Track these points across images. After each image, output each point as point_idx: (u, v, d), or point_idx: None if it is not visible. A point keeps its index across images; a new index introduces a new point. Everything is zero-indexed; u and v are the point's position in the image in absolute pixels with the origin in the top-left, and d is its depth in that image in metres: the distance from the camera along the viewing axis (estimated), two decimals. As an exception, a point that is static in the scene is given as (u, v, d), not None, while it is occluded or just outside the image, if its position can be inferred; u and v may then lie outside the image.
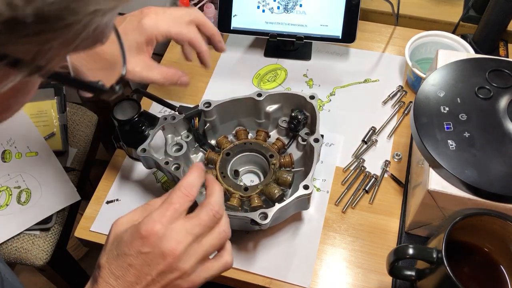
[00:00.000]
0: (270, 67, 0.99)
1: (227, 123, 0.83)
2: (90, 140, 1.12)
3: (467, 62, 0.71)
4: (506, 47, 0.96)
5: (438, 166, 0.62)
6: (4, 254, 0.93)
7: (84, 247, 1.50)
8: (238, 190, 0.74)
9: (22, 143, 0.95)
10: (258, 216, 0.65)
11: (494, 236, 0.62)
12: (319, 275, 0.73)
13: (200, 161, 0.81)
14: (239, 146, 0.79)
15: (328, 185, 0.81)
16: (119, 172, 0.85)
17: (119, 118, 0.75)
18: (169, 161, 0.73)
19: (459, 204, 0.62)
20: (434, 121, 0.66)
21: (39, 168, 0.93)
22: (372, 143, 0.86)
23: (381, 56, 0.99)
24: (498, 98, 0.66)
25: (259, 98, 0.78)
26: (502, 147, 0.62)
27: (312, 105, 0.77)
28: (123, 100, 0.77)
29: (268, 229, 0.75)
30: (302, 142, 0.79)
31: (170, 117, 0.76)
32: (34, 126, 0.97)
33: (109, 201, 0.82)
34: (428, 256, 0.58)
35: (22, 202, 0.92)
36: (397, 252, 0.60)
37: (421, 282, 0.63)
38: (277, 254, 0.74)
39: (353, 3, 0.91)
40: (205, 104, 0.78)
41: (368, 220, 0.78)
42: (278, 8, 0.94)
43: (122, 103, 0.76)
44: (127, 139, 0.76)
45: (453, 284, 0.54)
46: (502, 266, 0.64)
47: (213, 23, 0.98)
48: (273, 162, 0.76)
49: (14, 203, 0.92)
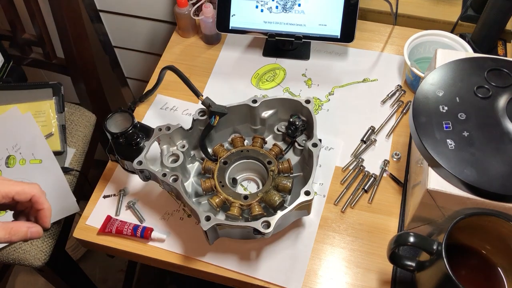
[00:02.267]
0: (269, 67, 0.99)
1: (223, 130, 0.82)
2: (89, 140, 1.12)
3: (466, 62, 0.71)
4: (504, 46, 0.96)
5: (437, 166, 0.62)
6: (3, 255, 0.92)
7: (83, 248, 1.50)
8: (238, 198, 0.73)
9: (27, 149, 0.95)
10: (261, 225, 0.65)
11: (494, 236, 0.63)
12: (318, 275, 0.73)
13: (197, 171, 0.81)
14: (236, 154, 0.79)
15: (325, 189, 0.81)
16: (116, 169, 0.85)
17: (112, 131, 0.75)
18: (167, 172, 0.72)
19: (458, 203, 0.62)
20: (433, 120, 0.66)
21: (41, 176, 0.93)
22: (371, 143, 0.86)
23: (380, 56, 0.99)
24: (497, 97, 0.66)
25: (254, 105, 0.77)
26: (501, 146, 0.62)
27: (308, 109, 0.77)
28: (115, 113, 0.76)
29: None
30: (299, 147, 0.79)
31: (165, 128, 0.76)
32: (41, 133, 0.97)
33: (106, 196, 0.82)
34: (428, 246, 0.58)
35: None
36: (399, 238, 0.61)
37: (419, 273, 0.64)
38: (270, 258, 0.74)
39: (351, 3, 0.91)
40: (200, 113, 0.78)
41: (367, 219, 0.78)
42: (276, 7, 0.94)
43: (114, 115, 0.76)
44: (122, 152, 0.75)
45: (449, 278, 0.54)
46: (500, 267, 0.64)
47: (211, 23, 0.99)
48: (271, 168, 0.76)
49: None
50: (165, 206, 0.80)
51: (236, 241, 0.75)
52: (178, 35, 1.06)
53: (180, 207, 0.80)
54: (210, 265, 0.74)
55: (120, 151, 0.75)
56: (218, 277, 0.74)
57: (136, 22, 1.23)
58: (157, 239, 0.76)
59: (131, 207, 0.80)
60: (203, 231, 0.67)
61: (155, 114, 0.93)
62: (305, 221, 0.77)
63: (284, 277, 0.72)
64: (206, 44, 1.04)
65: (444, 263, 0.55)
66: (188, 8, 1.00)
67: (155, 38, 1.26)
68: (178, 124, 0.77)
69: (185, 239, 0.77)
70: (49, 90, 1.05)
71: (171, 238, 0.77)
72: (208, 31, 1.01)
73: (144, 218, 0.79)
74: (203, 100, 0.77)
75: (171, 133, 0.76)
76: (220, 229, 0.71)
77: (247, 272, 0.73)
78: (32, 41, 1.13)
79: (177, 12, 1.00)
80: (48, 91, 1.05)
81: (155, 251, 0.76)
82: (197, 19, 1.03)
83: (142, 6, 1.18)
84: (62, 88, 1.05)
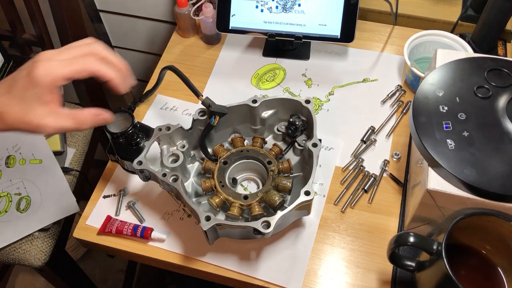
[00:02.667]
0: (269, 67, 0.99)
1: (222, 130, 0.82)
2: (89, 141, 1.12)
3: (466, 62, 0.71)
4: (504, 46, 0.96)
5: (437, 166, 0.62)
6: (2, 255, 0.92)
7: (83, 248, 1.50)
8: (238, 199, 0.73)
9: (27, 149, 0.95)
10: (260, 225, 0.65)
11: (494, 236, 0.63)
12: (318, 274, 0.73)
13: (197, 171, 0.81)
14: (236, 154, 0.79)
15: (325, 189, 0.81)
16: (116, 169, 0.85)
17: (112, 131, 0.75)
18: (167, 172, 0.72)
19: (458, 203, 0.62)
20: (433, 120, 0.65)
21: (41, 176, 0.93)
22: (371, 143, 0.86)
23: (380, 56, 0.99)
24: (497, 97, 0.66)
25: (254, 105, 0.77)
26: (501, 146, 0.62)
27: (308, 109, 0.77)
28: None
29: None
30: (299, 147, 0.79)
31: (165, 128, 0.76)
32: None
33: (106, 196, 0.82)
34: (428, 246, 0.58)
35: (21, 209, 0.91)
36: (399, 238, 0.61)
37: (419, 273, 0.64)
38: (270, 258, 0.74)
39: (351, 3, 0.91)
40: (200, 113, 0.78)
41: (367, 219, 0.78)
42: (276, 7, 0.94)
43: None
44: (122, 152, 0.75)
45: (449, 278, 0.54)
46: (500, 267, 0.64)
47: (211, 23, 0.99)
48: (271, 168, 0.76)
49: (13, 210, 0.91)
50: (165, 206, 0.80)
51: (236, 241, 0.75)
52: (178, 35, 1.06)
53: (180, 207, 0.80)
54: (210, 265, 0.74)
55: (120, 151, 0.75)
56: (218, 277, 0.74)
57: (136, 22, 1.23)
58: (157, 239, 0.76)
59: (131, 207, 0.80)
60: (203, 231, 0.67)
61: (155, 114, 0.93)
62: (305, 221, 0.77)
63: (284, 277, 0.72)
64: (206, 44, 1.04)
65: (444, 263, 0.55)
66: (188, 8, 1.00)
67: (155, 38, 1.26)
68: (178, 124, 0.77)
69: (185, 239, 0.76)
70: (49, 90, 1.05)
71: (171, 238, 0.77)
72: (208, 31, 1.01)
73: (144, 218, 0.79)
74: (203, 100, 0.77)
75: (171, 133, 0.76)
76: (220, 229, 0.71)
77: (247, 272, 0.73)
78: (32, 41, 1.14)
79: (177, 12, 1.00)
80: (48, 91, 1.05)
81: (155, 251, 0.76)
82: (197, 19, 1.03)
83: (142, 6, 1.18)
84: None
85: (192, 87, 0.79)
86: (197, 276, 0.77)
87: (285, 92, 0.95)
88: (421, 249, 0.61)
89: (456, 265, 0.58)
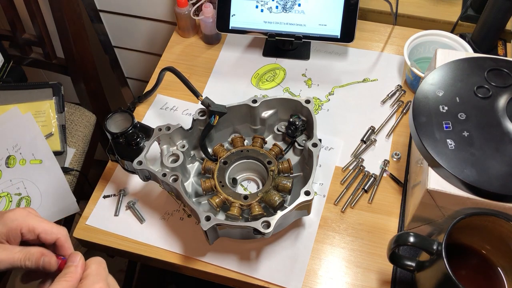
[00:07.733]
0: (269, 67, 0.99)
1: (222, 130, 0.82)
2: (89, 140, 1.12)
3: (466, 61, 0.71)
4: (504, 46, 0.96)
5: (437, 166, 0.62)
6: (3, 255, 0.92)
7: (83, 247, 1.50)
8: (238, 199, 0.73)
9: (27, 149, 0.95)
10: (260, 225, 0.65)
11: (494, 236, 0.63)
12: (318, 274, 0.73)
13: (197, 171, 0.81)
14: (236, 154, 0.79)
15: (325, 189, 0.81)
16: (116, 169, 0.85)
17: (112, 131, 0.75)
18: (167, 172, 0.72)
19: (458, 203, 0.62)
20: (433, 120, 0.66)
21: (41, 176, 0.93)
22: (371, 143, 0.86)
23: (380, 56, 0.99)
24: (497, 97, 0.66)
25: (254, 105, 0.77)
26: (501, 146, 0.62)
27: (308, 109, 0.77)
28: (115, 113, 0.76)
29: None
30: (299, 147, 0.79)
31: (165, 128, 0.76)
32: (41, 133, 0.97)
33: (106, 196, 0.82)
34: (428, 246, 0.58)
35: (21, 210, 0.91)
36: (399, 238, 0.61)
37: (419, 273, 0.64)
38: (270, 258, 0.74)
39: (351, 3, 0.91)
40: (200, 113, 0.78)
41: (367, 219, 0.78)
42: (276, 7, 0.94)
43: (114, 115, 0.75)
44: (122, 152, 0.75)
45: (449, 278, 0.54)
46: (500, 267, 0.64)
47: (211, 23, 0.99)
48: (271, 168, 0.76)
49: (13, 211, 0.91)
50: (165, 206, 0.80)
51: (236, 241, 0.75)
52: (178, 35, 1.06)
53: (180, 207, 0.80)
54: (210, 265, 0.74)
55: (120, 151, 0.75)
56: (218, 277, 0.74)
57: (136, 22, 1.23)
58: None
59: (131, 207, 0.80)
60: (203, 231, 0.67)
61: (155, 114, 0.93)
62: (305, 221, 0.77)
63: (284, 277, 0.72)
64: (206, 44, 1.04)
65: (444, 263, 0.55)
66: (188, 8, 1.00)
67: (155, 38, 1.26)
68: (178, 124, 0.77)
69: (185, 239, 0.76)
70: (49, 90, 1.05)
71: (171, 238, 0.77)
72: (208, 31, 1.01)
73: (144, 218, 0.79)
74: (202, 100, 0.77)
75: (171, 133, 0.76)
76: (220, 229, 0.71)
77: (247, 272, 0.73)
78: (32, 41, 1.13)
79: (177, 12, 1.00)
80: (48, 91, 1.05)
81: (155, 251, 0.76)
82: (197, 19, 1.03)
83: (142, 6, 1.18)
84: (62, 88, 1.05)
85: (191, 88, 0.79)
86: (197, 276, 0.77)
87: (285, 92, 0.95)
88: (421, 249, 0.61)
89: (456, 265, 0.58)
